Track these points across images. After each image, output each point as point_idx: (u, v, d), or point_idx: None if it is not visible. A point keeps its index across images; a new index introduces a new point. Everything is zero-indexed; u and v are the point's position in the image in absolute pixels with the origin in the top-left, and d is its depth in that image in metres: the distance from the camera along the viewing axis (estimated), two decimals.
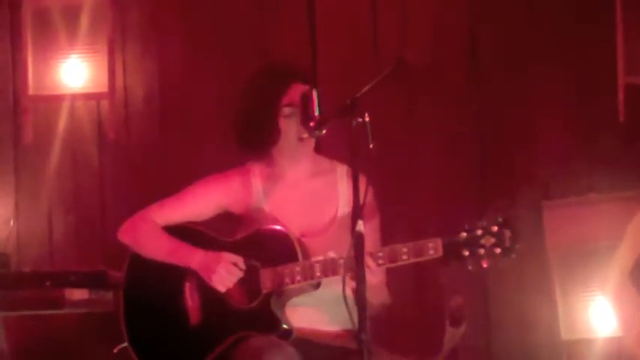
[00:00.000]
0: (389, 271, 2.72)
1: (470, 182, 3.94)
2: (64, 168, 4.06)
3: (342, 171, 2.82)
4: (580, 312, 3.66)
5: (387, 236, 2.78)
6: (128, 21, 4.11)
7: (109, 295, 3.47)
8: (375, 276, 2.58)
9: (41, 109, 4.10)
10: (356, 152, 2.35)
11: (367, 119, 2.36)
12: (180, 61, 4.10)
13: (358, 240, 2.32)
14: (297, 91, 2.77)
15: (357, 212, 2.32)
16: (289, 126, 2.77)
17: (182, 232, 2.81)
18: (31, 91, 4.06)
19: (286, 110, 2.77)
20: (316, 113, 2.55)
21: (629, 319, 2.98)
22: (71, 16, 4.05)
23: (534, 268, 3.68)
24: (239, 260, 2.70)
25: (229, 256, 2.71)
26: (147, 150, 4.09)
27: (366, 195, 2.32)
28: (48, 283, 3.45)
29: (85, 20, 4.05)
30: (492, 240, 2.53)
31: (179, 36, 4.11)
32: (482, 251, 2.53)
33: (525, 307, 3.80)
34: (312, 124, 2.54)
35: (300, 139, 2.74)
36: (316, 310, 2.74)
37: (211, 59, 4.08)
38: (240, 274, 2.69)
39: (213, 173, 2.93)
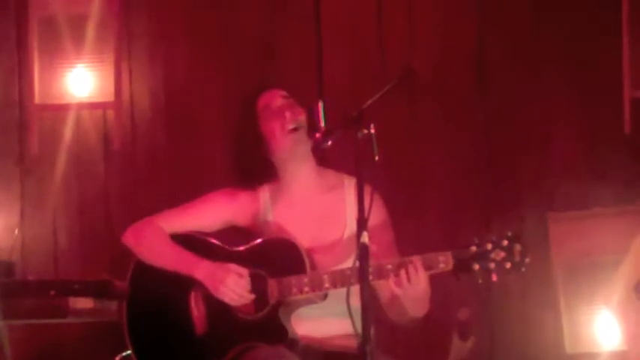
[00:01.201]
0: None
1: (475, 194, 3.94)
2: (70, 177, 4.06)
3: (349, 184, 2.81)
4: (585, 325, 3.66)
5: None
6: (134, 30, 4.11)
7: (113, 305, 3.47)
8: (417, 284, 2.55)
9: (47, 119, 4.10)
10: (361, 164, 2.38)
11: (373, 131, 2.39)
12: (186, 70, 4.11)
13: (362, 251, 2.34)
14: (270, 94, 2.84)
15: (361, 224, 2.34)
16: (271, 124, 2.80)
17: (188, 240, 2.83)
18: (37, 100, 4.06)
19: (263, 114, 2.81)
20: (322, 125, 2.58)
21: (633, 333, 2.99)
22: (77, 25, 4.04)
23: (539, 280, 3.68)
24: (245, 273, 2.70)
25: (236, 268, 2.71)
26: (153, 159, 4.10)
27: (371, 204, 2.34)
28: (52, 292, 3.44)
29: (91, 30, 4.04)
30: (502, 254, 2.57)
31: (185, 45, 4.12)
32: (492, 265, 2.56)
33: (530, 321, 3.81)
34: (317, 135, 2.56)
35: (288, 132, 2.76)
36: (322, 322, 2.75)
37: (218, 68, 4.08)
38: (247, 288, 2.69)
39: (219, 182, 2.97)
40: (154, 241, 2.82)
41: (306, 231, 2.78)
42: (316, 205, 2.83)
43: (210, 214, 2.88)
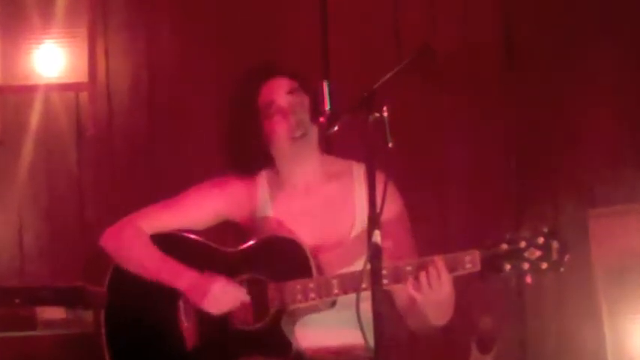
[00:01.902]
0: None
1: (505, 187, 3.99)
2: (38, 169, 4.09)
3: (358, 171, 2.83)
4: (630, 335, 3.69)
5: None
6: (112, 1, 4.13)
7: (88, 314, 3.51)
8: (439, 288, 2.56)
9: (11, 102, 4.12)
10: (372, 152, 2.38)
11: (385, 114, 2.38)
12: (172, 46, 4.13)
13: (374, 252, 2.34)
14: (276, 85, 2.84)
15: (373, 221, 2.34)
16: (276, 126, 2.81)
17: (175, 240, 2.86)
18: None
19: (266, 110, 2.82)
20: (327, 108, 2.57)
21: None
22: None
23: (578, 285, 3.73)
24: (232, 281, 2.71)
25: (223, 279, 2.72)
26: (132, 149, 4.12)
27: (385, 195, 2.33)
28: (17, 301, 3.48)
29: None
30: (538, 253, 2.58)
31: (171, 18, 4.14)
32: (526, 265, 2.58)
33: (567, 330, 3.87)
34: (322, 119, 2.56)
35: (293, 139, 2.78)
36: (331, 333, 2.77)
37: (208, 45, 4.11)
38: (240, 298, 2.71)
39: (209, 175, 2.99)
40: (134, 246, 2.85)
41: (310, 226, 2.80)
42: (321, 196, 2.85)
43: (199, 208, 2.89)
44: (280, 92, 2.84)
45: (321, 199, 2.84)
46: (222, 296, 2.70)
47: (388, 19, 4.10)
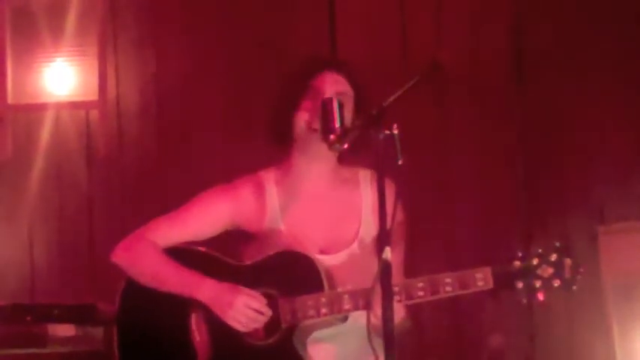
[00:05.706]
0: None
1: (514, 204, 4.00)
2: (48, 187, 4.13)
3: (365, 176, 2.84)
4: None
5: (420, 264, 2.81)
6: (121, 19, 4.18)
7: (99, 332, 3.55)
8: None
9: (22, 120, 4.18)
10: (383, 169, 2.39)
11: (396, 131, 2.39)
12: (180, 64, 4.17)
13: (385, 269, 2.34)
14: (333, 80, 2.81)
15: (383, 236, 2.34)
16: (307, 113, 2.79)
17: (185, 255, 2.84)
18: (10, 100, 4.14)
19: (313, 94, 2.79)
20: (337, 124, 2.60)
21: None
22: (57, 13, 4.12)
23: (588, 303, 3.73)
24: (256, 294, 2.72)
25: (247, 290, 2.72)
26: (142, 167, 4.16)
27: (396, 207, 2.34)
28: (29, 318, 3.51)
29: (72, 18, 4.12)
30: (550, 270, 2.58)
31: (179, 36, 4.18)
32: (538, 283, 2.58)
33: (577, 348, 3.86)
34: (332, 136, 2.58)
35: (312, 130, 2.77)
36: (343, 347, 2.79)
37: (216, 63, 4.14)
38: (263, 313, 2.71)
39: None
40: (147, 259, 2.84)
41: (317, 231, 2.81)
42: (330, 201, 2.86)
43: (209, 216, 2.89)
44: (333, 88, 2.81)
45: (329, 204, 2.85)
46: (246, 312, 2.71)
47: (396, 32, 4.12)
